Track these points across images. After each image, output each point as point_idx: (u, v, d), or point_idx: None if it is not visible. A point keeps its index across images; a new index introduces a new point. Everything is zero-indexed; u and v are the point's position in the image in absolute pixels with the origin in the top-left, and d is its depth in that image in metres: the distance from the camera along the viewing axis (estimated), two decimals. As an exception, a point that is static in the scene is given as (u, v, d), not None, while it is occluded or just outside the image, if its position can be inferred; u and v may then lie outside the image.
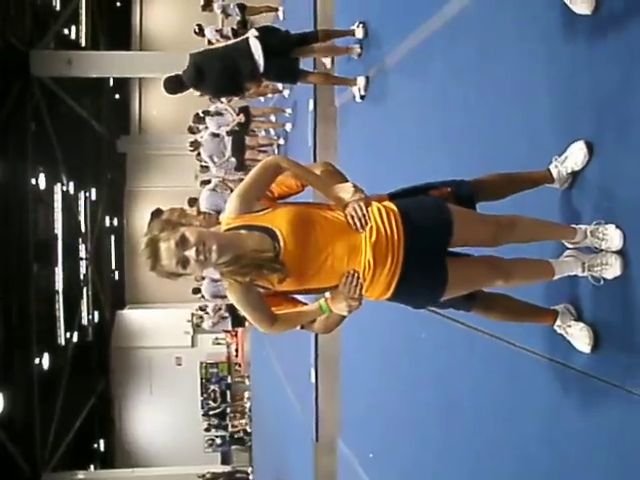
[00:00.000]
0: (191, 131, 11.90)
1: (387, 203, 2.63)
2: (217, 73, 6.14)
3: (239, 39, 6.17)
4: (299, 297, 2.76)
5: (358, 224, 2.50)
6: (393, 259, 2.53)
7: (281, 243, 2.48)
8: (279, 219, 2.51)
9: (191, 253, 2.38)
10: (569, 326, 2.91)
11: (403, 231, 2.54)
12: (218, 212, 12.01)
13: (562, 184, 2.98)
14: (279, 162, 2.59)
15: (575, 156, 2.90)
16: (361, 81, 6.35)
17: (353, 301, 2.52)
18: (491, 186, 2.91)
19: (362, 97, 6.45)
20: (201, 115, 11.49)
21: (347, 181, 2.67)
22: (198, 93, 6.65)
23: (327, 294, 2.60)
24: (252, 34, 5.94)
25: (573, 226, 2.83)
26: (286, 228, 2.49)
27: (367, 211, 2.52)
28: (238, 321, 15.22)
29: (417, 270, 2.57)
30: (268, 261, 2.47)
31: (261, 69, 5.98)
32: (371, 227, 2.52)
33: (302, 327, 2.77)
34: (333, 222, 2.54)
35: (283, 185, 2.77)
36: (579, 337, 2.87)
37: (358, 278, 2.51)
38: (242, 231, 2.52)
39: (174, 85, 6.40)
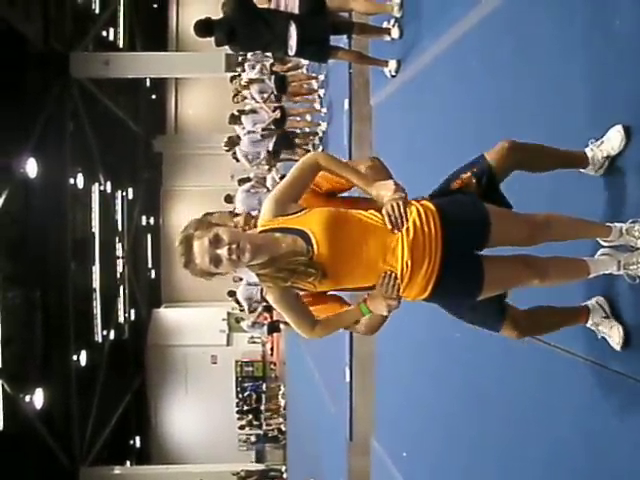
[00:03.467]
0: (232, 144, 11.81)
1: (425, 202, 2.61)
2: (248, 40, 6.18)
3: (280, 15, 6.08)
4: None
5: (394, 223, 2.49)
6: (431, 260, 2.52)
7: (314, 246, 2.49)
8: (312, 221, 2.51)
9: (223, 252, 2.41)
10: (599, 324, 2.89)
11: (441, 232, 2.53)
12: (251, 213, 12.14)
13: (597, 169, 2.92)
14: (318, 160, 2.59)
15: (612, 140, 2.86)
16: (393, 63, 6.32)
17: (391, 301, 2.52)
18: (528, 156, 2.80)
19: (393, 77, 6.40)
20: (236, 114, 11.56)
21: (391, 178, 2.65)
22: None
23: (366, 295, 2.61)
24: (293, 26, 5.89)
25: (608, 224, 2.80)
26: (319, 230, 2.49)
27: (405, 211, 2.50)
28: (274, 328, 15.28)
29: (454, 271, 2.56)
30: (302, 264, 2.48)
31: (292, 53, 6.03)
32: (408, 227, 2.50)
33: (346, 328, 2.77)
34: (367, 223, 2.53)
35: (333, 180, 2.76)
36: (610, 334, 2.85)
37: (395, 278, 2.51)
38: (277, 234, 2.53)
39: (202, 30, 6.36)
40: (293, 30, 5.89)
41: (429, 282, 2.56)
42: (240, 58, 11.96)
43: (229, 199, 12.43)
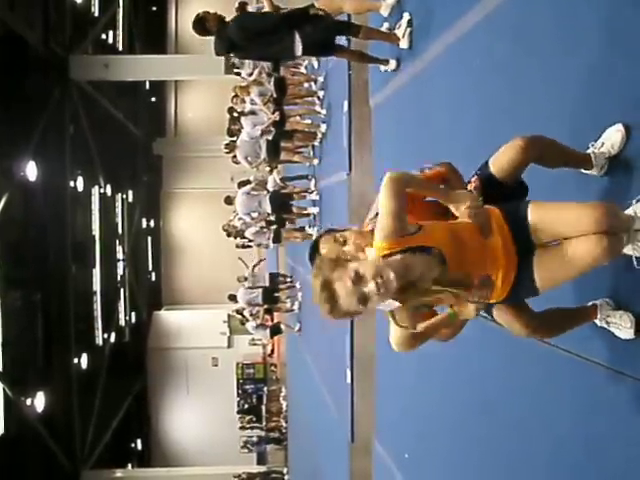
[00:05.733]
0: (230, 134, 11.95)
1: (492, 208, 2.65)
2: (253, 45, 6.24)
3: (282, 24, 6.10)
4: None
5: (484, 231, 2.54)
6: (510, 262, 2.57)
7: (447, 262, 2.47)
8: (435, 238, 2.51)
9: (371, 287, 2.32)
10: (609, 316, 2.88)
11: (510, 235, 2.57)
12: (250, 215, 12.15)
13: (599, 170, 2.95)
14: (403, 184, 2.54)
15: (612, 139, 2.87)
16: (393, 63, 6.36)
17: (480, 305, 2.55)
18: (542, 152, 2.81)
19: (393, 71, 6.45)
20: (235, 115, 11.56)
21: (463, 182, 2.69)
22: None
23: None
24: (297, 36, 5.93)
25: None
26: (446, 246, 2.49)
27: (489, 219, 2.56)
28: (276, 330, 15.27)
29: (523, 273, 2.60)
30: (444, 283, 2.46)
31: (297, 54, 6.11)
32: (494, 232, 2.55)
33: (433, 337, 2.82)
34: (472, 234, 2.56)
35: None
36: (621, 324, 2.83)
37: (491, 282, 2.54)
38: (406, 254, 2.46)
39: (199, 29, 6.40)
40: (298, 41, 5.94)
41: (508, 283, 2.60)
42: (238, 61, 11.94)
43: (229, 200, 12.44)
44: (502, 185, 2.78)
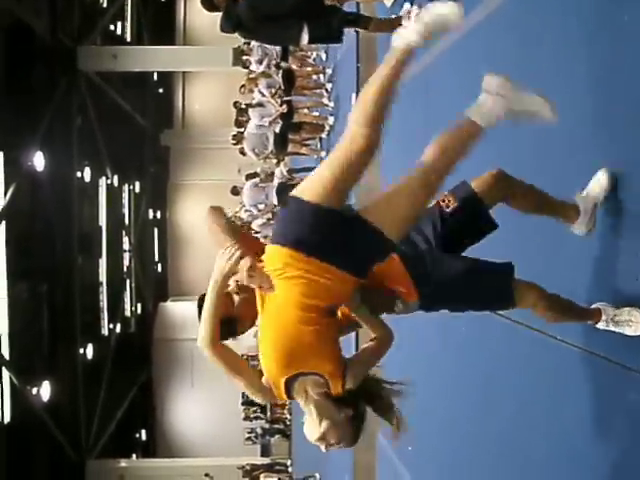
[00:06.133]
0: (238, 124, 11.94)
1: None
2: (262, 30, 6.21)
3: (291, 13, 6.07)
4: None
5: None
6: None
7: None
8: None
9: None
10: (615, 315, 2.83)
11: None
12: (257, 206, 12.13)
13: (587, 223, 2.92)
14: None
15: (600, 182, 2.88)
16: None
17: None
18: (512, 189, 2.87)
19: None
20: (243, 107, 11.56)
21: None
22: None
23: None
24: (306, 28, 5.91)
25: None
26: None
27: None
28: None
29: None
30: None
31: (302, 44, 6.12)
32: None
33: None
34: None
35: None
36: (631, 319, 2.79)
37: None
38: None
39: (207, 4, 6.37)
40: (305, 33, 5.92)
41: None
42: (245, 45, 11.90)
43: (235, 191, 12.44)
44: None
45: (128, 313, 28.32)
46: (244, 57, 11.69)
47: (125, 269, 28.23)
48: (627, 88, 2.92)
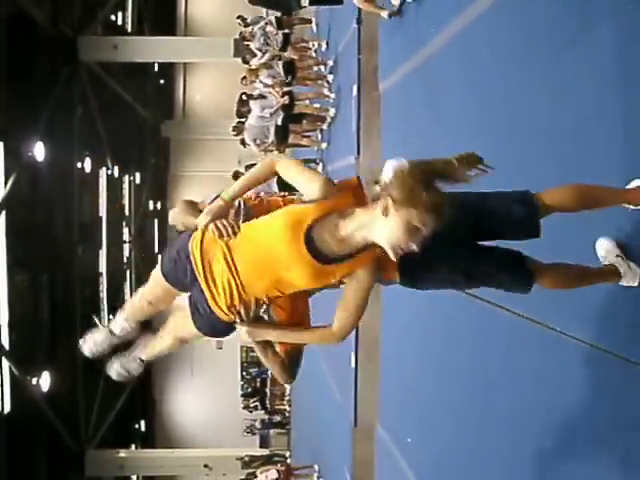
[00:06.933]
0: (239, 115, 11.88)
1: None
2: None
3: None
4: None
5: None
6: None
7: None
8: None
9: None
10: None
11: None
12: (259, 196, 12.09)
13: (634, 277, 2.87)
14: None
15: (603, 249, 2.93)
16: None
17: None
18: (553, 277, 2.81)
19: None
20: (244, 98, 11.52)
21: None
22: None
23: None
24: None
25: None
26: None
27: None
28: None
29: None
30: None
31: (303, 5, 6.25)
32: None
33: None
34: None
35: None
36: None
37: None
38: None
39: None
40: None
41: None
42: (248, 23, 11.81)
43: (237, 176, 12.40)
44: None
45: (128, 304, 28.28)
46: (245, 42, 11.56)
47: (125, 260, 28.24)
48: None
